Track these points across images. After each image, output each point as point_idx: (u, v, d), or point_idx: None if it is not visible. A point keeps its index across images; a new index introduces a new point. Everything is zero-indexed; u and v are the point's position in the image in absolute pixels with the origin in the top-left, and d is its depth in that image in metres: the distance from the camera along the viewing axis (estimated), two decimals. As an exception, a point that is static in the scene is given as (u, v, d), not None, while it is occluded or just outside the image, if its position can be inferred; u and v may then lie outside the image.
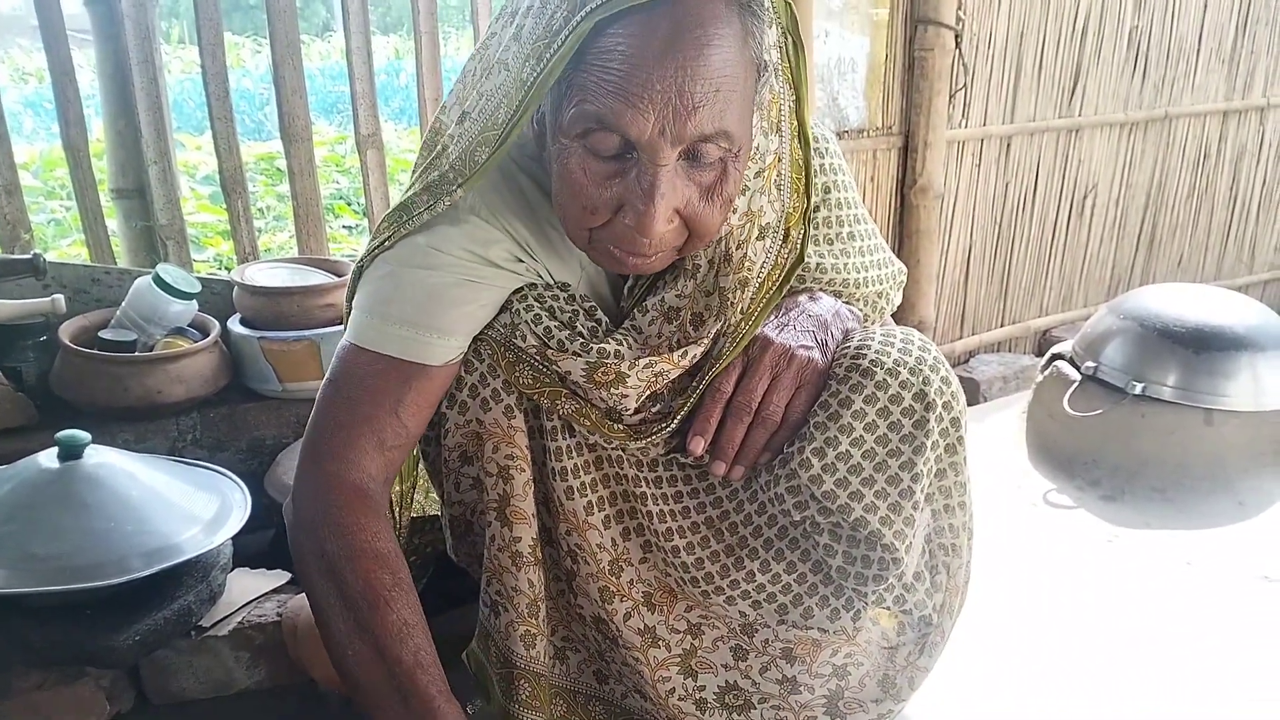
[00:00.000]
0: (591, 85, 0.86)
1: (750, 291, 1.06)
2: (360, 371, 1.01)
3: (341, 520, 0.96)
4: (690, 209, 0.93)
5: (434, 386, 1.03)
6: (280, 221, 4.24)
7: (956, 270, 2.76)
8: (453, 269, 1.00)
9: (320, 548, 0.96)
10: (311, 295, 1.75)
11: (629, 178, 0.90)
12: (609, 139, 0.88)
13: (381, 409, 1.00)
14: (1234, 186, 3.28)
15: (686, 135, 0.87)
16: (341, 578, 0.94)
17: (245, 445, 1.77)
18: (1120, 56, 2.83)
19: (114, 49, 1.81)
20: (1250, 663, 1.52)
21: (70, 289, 1.74)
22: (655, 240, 0.93)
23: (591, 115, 0.87)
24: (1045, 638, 1.57)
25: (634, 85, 0.84)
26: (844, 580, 1.06)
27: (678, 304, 1.06)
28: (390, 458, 1.02)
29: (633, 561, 1.11)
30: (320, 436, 1.01)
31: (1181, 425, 2.04)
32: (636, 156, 0.89)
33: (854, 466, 1.01)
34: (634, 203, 0.90)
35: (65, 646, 1.22)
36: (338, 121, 6.51)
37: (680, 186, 0.91)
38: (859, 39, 2.40)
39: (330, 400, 1.02)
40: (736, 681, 1.13)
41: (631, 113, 0.85)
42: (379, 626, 0.93)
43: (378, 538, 0.97)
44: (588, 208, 0.92)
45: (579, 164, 0.91)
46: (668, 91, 0.84)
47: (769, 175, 1.05)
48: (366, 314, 1.02)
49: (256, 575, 1.44)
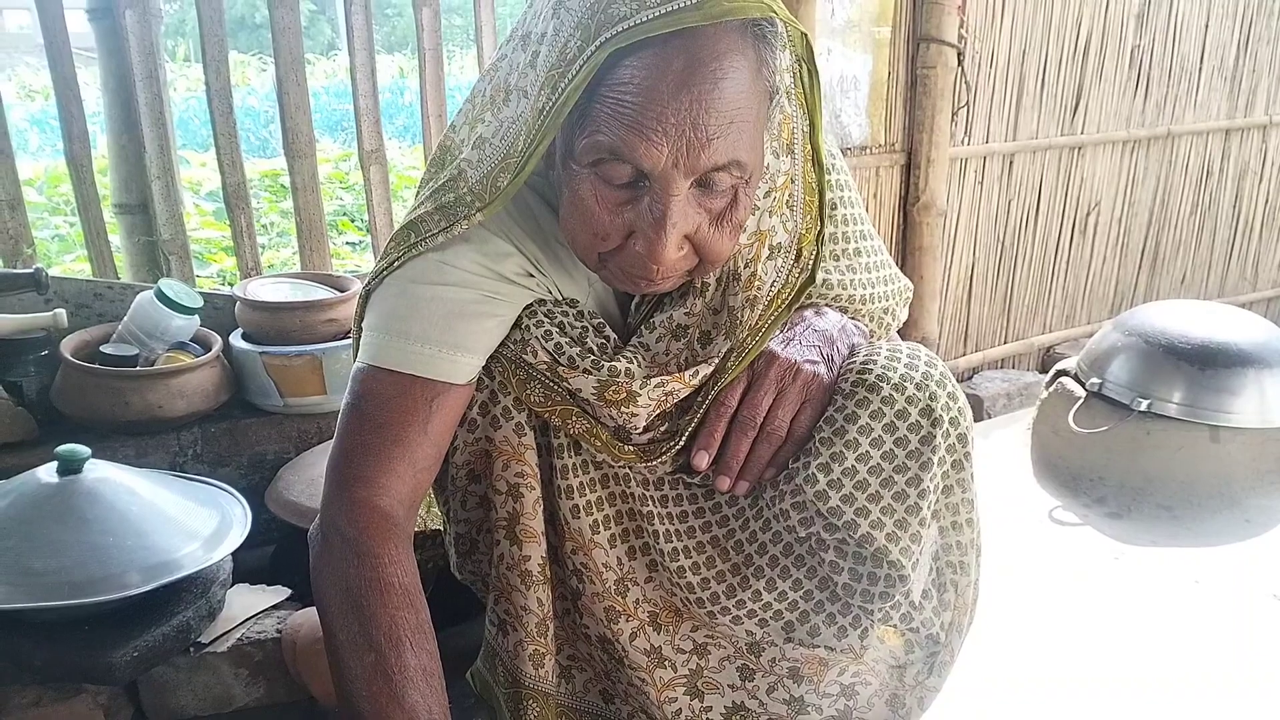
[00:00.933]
0: (605, 117, 0.85)
1: (759, 310, 1.06)
2: (384, 393, 0.98)
3: (371, 549, 0.93)
4: (700, 235, 0.92)
5: (459, 405, 1.02)
6: (284, 238, 4.25)
7: (959, 287, 2.76)
8: (470, 285, 0.99)
9: (345, 578, 0.93)
10: (314, 310, 1.75)
11: (640, 205, 0.90)
12: (621, 169, 0.88)
13: (411, 429, 0.97)
14: (1237, 204, 3.28)
15: (700, 167, 0.87)
16: (367, 612, 0.91)
17: (246, 461, 1.76)
18: (1122, 75, 2.84)
19: (118, 64, 1.82)
20: (1258, 681, 1.50)
21: (72, 304, 1.73)
22: (666, 267, 0.92)
23: (605, 146, 0.86)
24: (1052, 656, 1.56)
25: (648, 118, 0.84)
26: (850, 598, 1.05)
27: (686, 322, 1.06)
28: (420, 480, 1.00)
29: (638, 581, 1.10)
30: (348, 461, 0.98)
31: (1187, 442, 2.03)
32: (648, 184, 0.89)
33: (860, 482, 1.00)
34: (645, 231, 0.90)
35: (63, 663, 1.20)
36: (342, 139, 6.54)
37: (691, 214, 0.90)
38: (861, 56, 2.40)
39: (355, 425, 0.98)
40: (743, 702, 1.12)
41: (645, 145, 0.85)
42: (399, 670, 0.89)
43: (407, 573, 0.94)
44: (599, 234, 0.92)
45: (590, 191, 0.90)
46: (682, 125, 0.84)
47: (780, 196, 1.05)
48: (384, 334, 0.99)
49: (256, 591, 1.43)
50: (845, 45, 2.38)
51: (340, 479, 0.97)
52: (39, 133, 6.38)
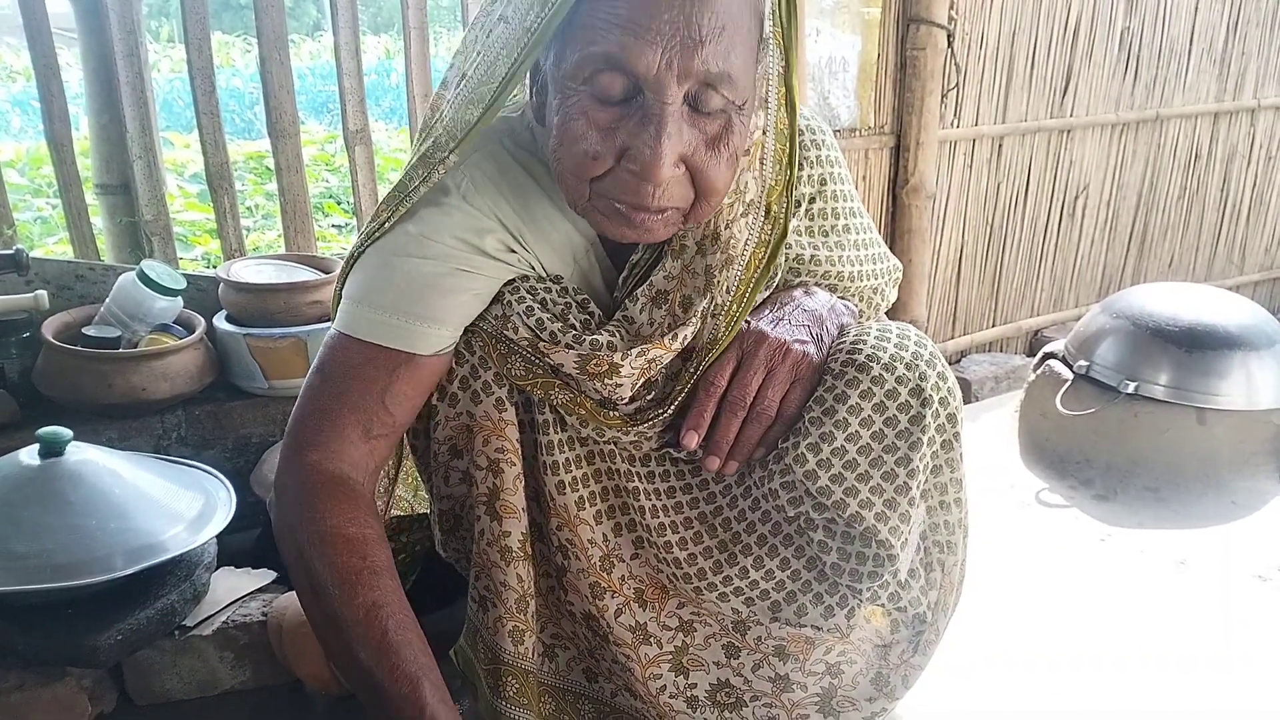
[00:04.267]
0: (598, 24, 0.85)
1: (736, 270, 1.04)
2: (349, 360, 1.00)
3: (314, 507, 0.96)
4: (697, 159, 0.90)
5: (423, 376, 1.02)
6: (269, 220, 4.22)
7: (948, 270, 2.76)
8: (445, 258, 0.99)
9: (294, 536, 0.96)
10: (298, 292, 1.73)
11: (633, 121, 0.88)
12: (614, 81, 0.87)
13: (369, 397, 0.99)
14: (1225, 188, 3.29)
15: (693, 70, 0.86)
16: (309, 565, 0.94)
17: (231, 443, 1.75)
18: (1112, 57, 2.83)
19: (98, 43, 1.79)
20: (1243, 662, 1.51)
21: (54, 285, 1.71)
22: (661, 188, 0.90)
23: (598, 56, 0.86)
24: (1038, 637, 1.57)
25: (641, 17, 0.84)
26: (838, 577, 1.05)
27: (665, 286, 1.04)
28: (375, 446, 1.01)
29: (624, 557, 1.10)
30: (303, 424, 1.00)
31: (1174, 424, 2.03)
32: (641, 100, 0.88)
33: (849, 462, 1.00)
34: (639, 147, 0.88)
35: (46, 646, 1.20)
36: (328, 120, 6.48)
37: (686, 132, 0.89)
38: (850, 38, 2.39)
39: (316, 388, 1.01)
40: (728, 679, 1.12)
41: (639, 45, 0.84)
42: (346, 610, 0.91)
43: (350, 523, 0.95)
44: (590, 153, 0.90)
45: (581, 110, 0.89)
46: (675, 23, 0.84)
47: (755, 152, 1.04)
48: (356, 303, 1.01)
49: (241, 574, 1.42)
50: (834, 26, 2.37)
51: (294, 442, 1.00)
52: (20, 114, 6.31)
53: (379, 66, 8.02)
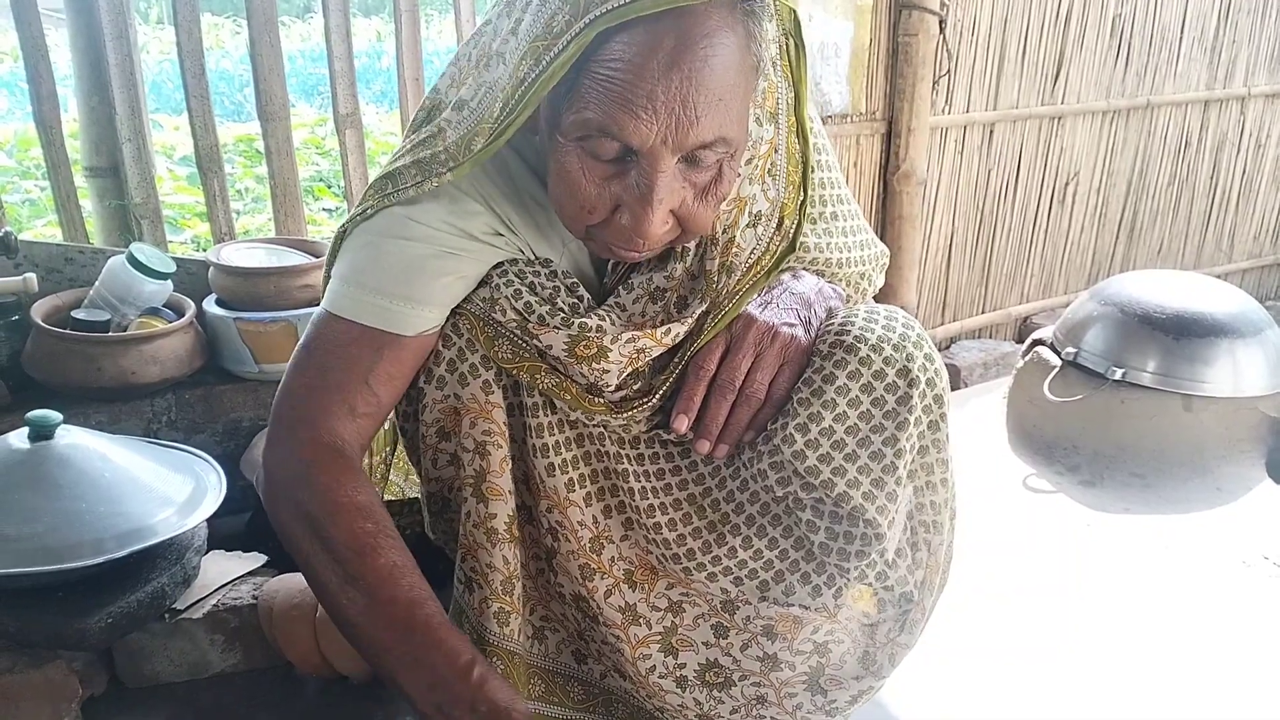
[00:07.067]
0: (594, 94, 0.85)
1: (736, 276, 1.06)
2: (334, 339, 1.01)
3: (319, 479, 0.97)
4: (685, 209, 0.93)
5: (407, 357, 1.03)
6: (259, 203, 4.20)
7: (938, 256, 2.77)
8: (431, 240, 1.00)
9: (302, 510, 0.97)
10: (288, 276, 1.73)
11: (627, 179, 0.90)
12: (609, 145, 0.88)
13: (353, 377, 1.01)
14: (1214, 175, 3.30)
15: (688, 144, 0.87)
16: (326, 534, 0.95)
17: (221, 427, 1.75)
18: (1103, 44, 2.83)
19: (87, 24, 1.78)
20: (1228, 646, 1.53)
21: (43, 268, 1.71)
22: (651, 241, 0.94)
23: (593, 124, 0.86)
24: (1024, 621, 1.58)
25: (638, 96, 0.84)
26: (826, 556, 1.06)
27: (665, 285, 1.06)
28: (361, 425, 1.03)
29: (614, 539, 1.11)
30: (291, 400, 1.02)
31: (1161, 411, 2.05)
32: (635, 159, 0.89)
33: (837, 442, 1.01)
34: (631, 205, 0.91)
35: (36, 629, 1.20)
36: (318, 103, 6.43)
37: (677, 189, 0.91)
38: (843, 23, 2.39)
39: (302, 365, 1.02)
40: (717, 659, 1.13)
41: (634, 123, 0.85)
42: (369, 572, 0.94)
43: (357, 491, 0.98)
44: (585, 207, 0.93)
45: (577, 164, 0.90)
46: (671, 103, 0.84)
47: (762, 164, 1.05)
48: (343, 282, 1.02)
49: (232, 558, 1.43)
50: (827, 12, 2.37)
51: (284, 417, 1.02)
52: (8, 95, 6.26)
53: (370, 49, 7.96)
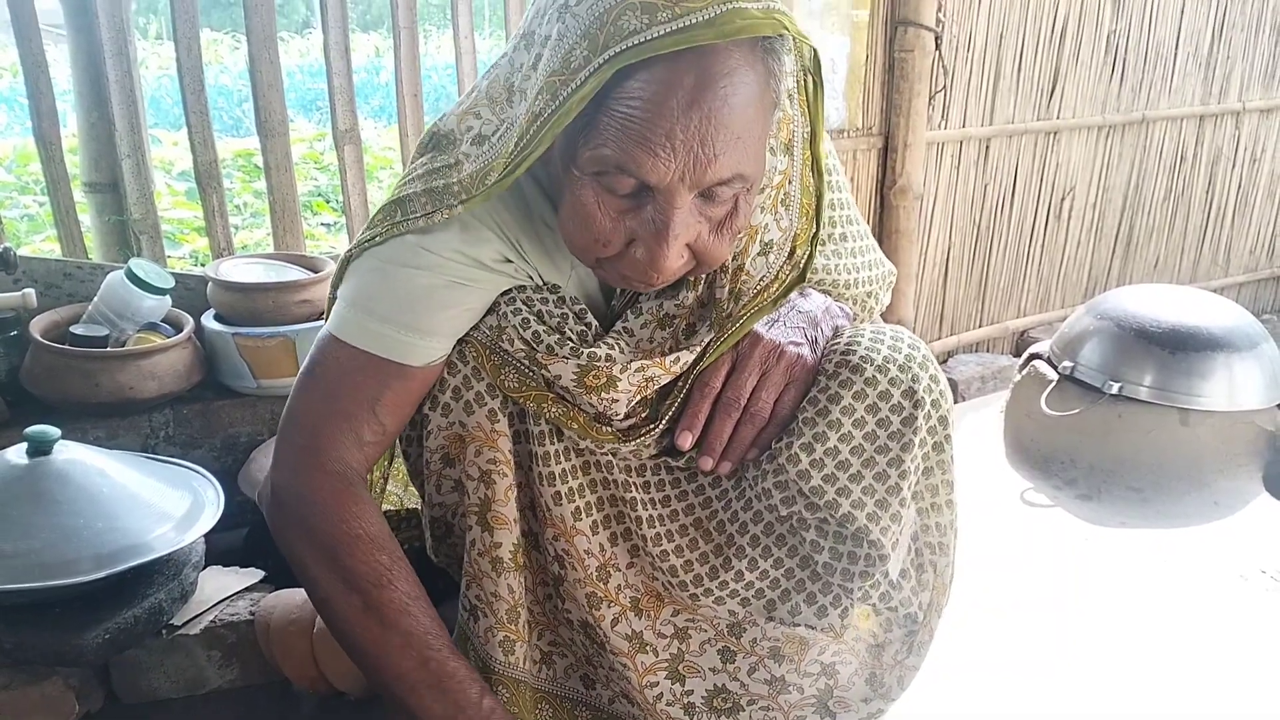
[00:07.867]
0: (612, 131, 0.85)
1: (744, 301, 1.06)
2: (340, 365, 1.01)
3: (332, 510, 0.98)
4: (700, 243, 0.93)
5: (414, 386, 1.03)
6: (258, 219, 4.20)
7: (935, 271, 2.77)
8: (442, 270, 0.99)
9: (316, 539, 0.98)
10: (287, 291, 1.73)
11: (643, 214, 0.89)
12: (626, 180, 0.87)
13: (359, 406, 1.00)
14: (1210, 190, 3.31)
15: (705, 181, 0.87)
16: (343, 565, 0.97)
17: (219, 442, 1.74)
18: (1098, 60, 2.85)
19: (87, 41, 1.78)
20: (1225, 660, 1.53)
21: (41, 283, 1.71)
22: (666, 275, 0.93)
23: (610, 161, 0.86)
24: (1022, 635, 1.58)
25: (657, 135, 0.83)
26: (831, 577, 1.06)
27: (675, 313, 1.06)
28: (368, 453, 1.03)
29: (620, 567, 1.11)
30: (298, 426, 1.02)
31: (1158, 425, 2.05)
32: (651, 195, 0.88)
33: (842, 462, 1.01)
34: (647, 240, 0.90)
35: (33, 645, 1.19)
36: (317, 118, 6.45)
37: (693, 224, 0.90)
38: (839, 39, 2.40)
39: (308, 390, 1.02)
40: (725, 684, 1.13)
41: (652, 161, 0.84)
42: (386, 603, 0.96)
43: (370, 522, 1.00)
44: (600, 240, 0.92)
45: (593, 198, 0.90)
46: (690, 142, 0.84)
47: (775, 194, 1.05)
48: (350, 308, 1.01)
49: (229, 574, 1.42)
50: (823, 28, 2.38)
51: (291, 442, 1.02)
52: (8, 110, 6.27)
53: (369, 65, 7.99)
